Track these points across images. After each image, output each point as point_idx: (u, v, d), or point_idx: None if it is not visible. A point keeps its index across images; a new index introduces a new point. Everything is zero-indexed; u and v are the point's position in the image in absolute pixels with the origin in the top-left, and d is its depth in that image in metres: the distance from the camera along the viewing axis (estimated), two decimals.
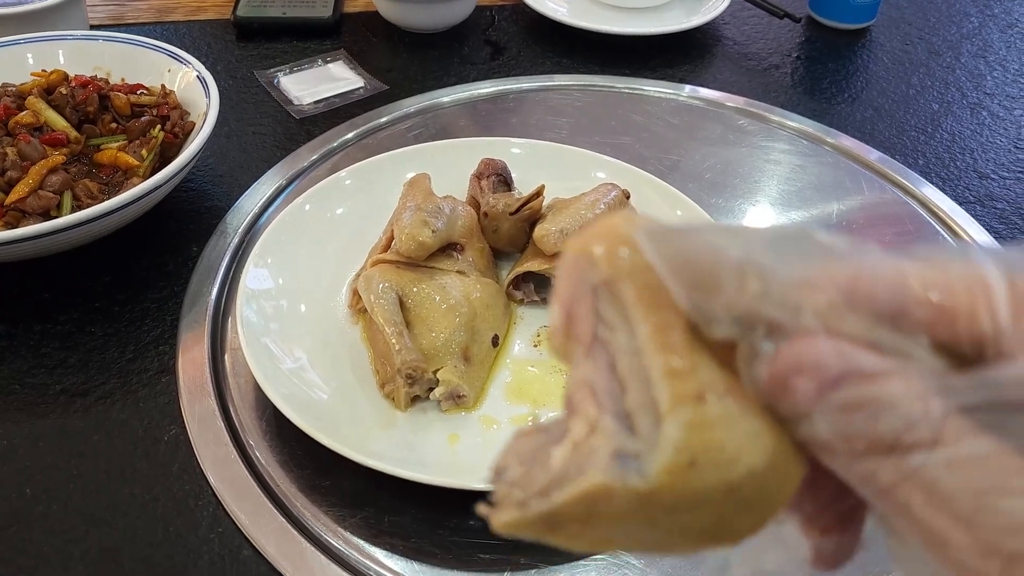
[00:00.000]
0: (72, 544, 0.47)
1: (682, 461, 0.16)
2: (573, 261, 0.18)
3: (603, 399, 0.17)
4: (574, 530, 0.17)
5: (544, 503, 0.17)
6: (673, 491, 0.16)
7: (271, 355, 0.53)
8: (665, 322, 0.17)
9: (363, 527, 0.48)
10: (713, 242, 0.17)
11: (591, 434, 0.17)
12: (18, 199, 0.59)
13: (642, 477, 0.16)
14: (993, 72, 0.93)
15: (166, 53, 0.72)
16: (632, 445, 0.17)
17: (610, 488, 0.16)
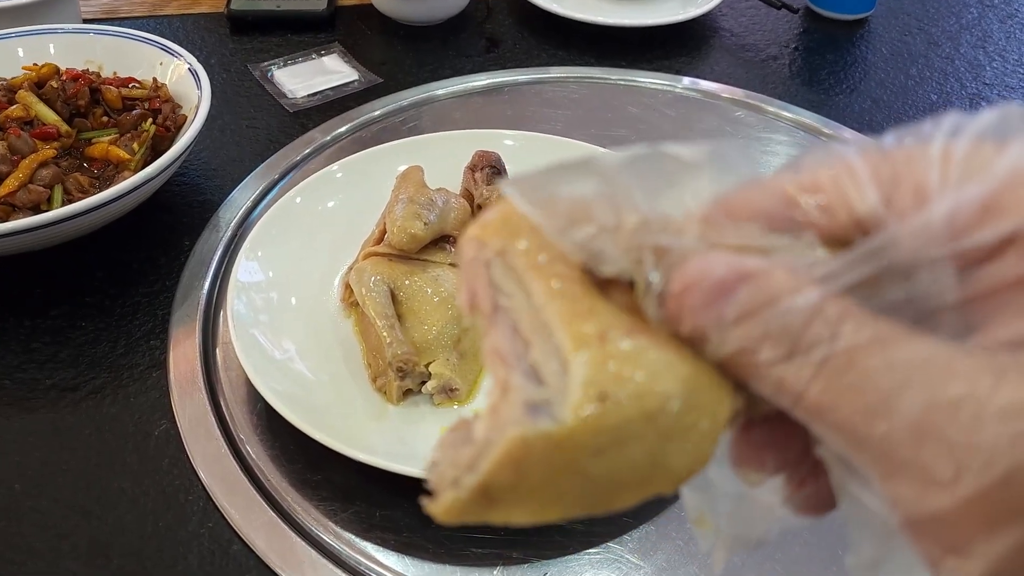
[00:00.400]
0: (62, 538, 0.46)
1: (593, 395, 0.16)
2: (467, 244, 0.19)
3: (510, 360, 0.17)
4: (511, 499, 0.17)
5: (474, 475, 0.17)
6: (590, 430, 0.16)
7: (261, 348, 0.52)
8: (558, 276, 0.17)
9: (354, 521, 0.47)
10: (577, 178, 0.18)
11: (504, 396, 0.17)
12: (8, 193, 0.59)
13: (555, 420, 0.16)
14: (992, 62, 0.92)
15: (157, 46, 0.72)
16: (542, 394, 0.17)
17: (527, 439, 0.16)
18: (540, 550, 0.46)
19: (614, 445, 0.16)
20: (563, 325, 0.17)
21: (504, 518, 0.17)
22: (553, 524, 0.17)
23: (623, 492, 0.17)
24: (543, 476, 0.16)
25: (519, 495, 0.17)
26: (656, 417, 0.16)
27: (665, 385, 0.17)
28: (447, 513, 0.17)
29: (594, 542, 0.47)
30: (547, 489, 0.17)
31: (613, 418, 0.16)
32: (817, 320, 0.15)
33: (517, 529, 0.47)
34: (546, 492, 0.17)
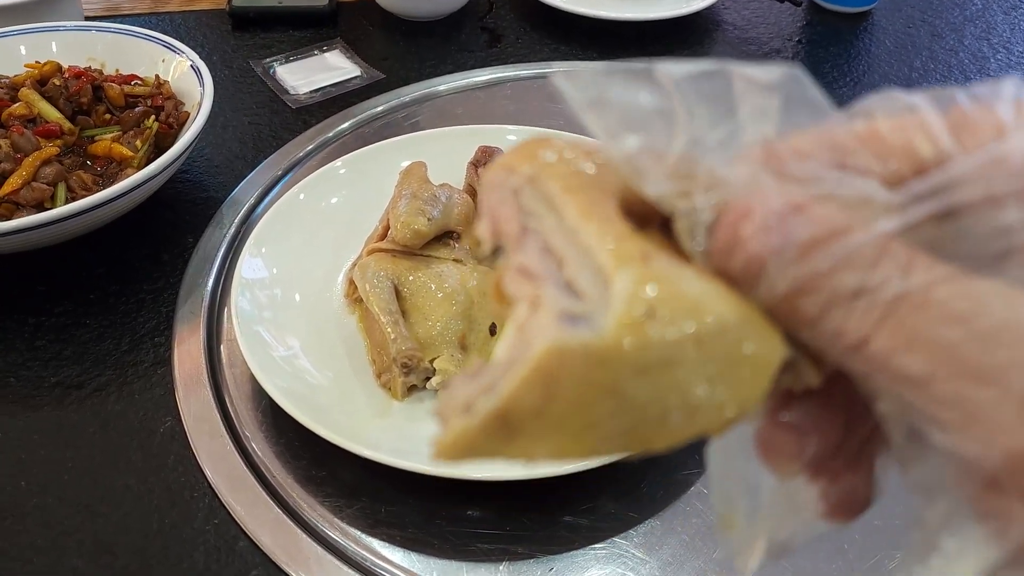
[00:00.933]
0: (67, 536, 0.47)
1: (637, 312, 0.14)
2: (492, 175, 0.17)
3: (541, 275, 0.15)
4: (534, 428, 0.14)
5: (492, 398, 0.14)
6: (635, 343, 0.14)
7: (266, 345, 0.52)
8: (595, 200, 0.16)
9: (360, 518, 0.47)
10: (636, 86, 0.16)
11: (534, 312, 0.15)
12: (12, 191, 0.59)
13: (596, 332, 0.14)
14: (997, 54, 0.92)
15: (159, 43, 0.72)
16: (579, 307, 0.15)
17: (563, 350, 0.14)
18: (546, 545, 0.46)
19: (660, 366, 0.14)
20: (602, 244, 0.15)
21: (522, 454, 0.15)
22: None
23: (664, 426, 0.15)
24: (576, 398, 0.14)
25: (545, 423, 0.14)
26: (707, 341, 0.14)
27: (718, 308, 0.15)
28: (454, 446, 0.15)
29: (600, 537, 0.47)
30: (578, 416, 0.14)
31: (661, 334, 0.14)
32: (886, 257, 0.14)
33: (522, 524, 0.47)
34: (576, 420, 0.14)
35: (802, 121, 0.17)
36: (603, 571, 0.45)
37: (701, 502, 0.48)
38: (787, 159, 0.16)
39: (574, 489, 0.48)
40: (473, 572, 0.45)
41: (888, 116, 0.16)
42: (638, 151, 0.16)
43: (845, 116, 0.16)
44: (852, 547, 0.46)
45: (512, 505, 0.48)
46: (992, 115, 0.15)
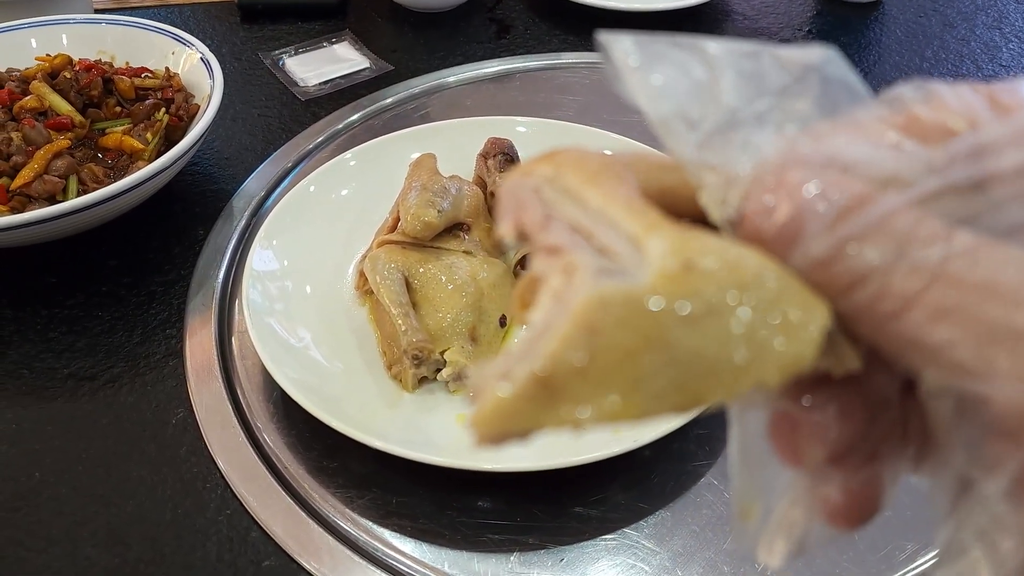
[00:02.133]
0: (81, 525, 0.47)
1: (678, 264, 0.14)
2: (510, 182, 0.17)
3: (574, 245, 0.15)
4: (578, 388, 0.13)
5: (531, 361, 0.13)
6: (679, 290, 0.14)
7: (277, 337, 0.52)
8: (616, 190, 0.16)
9: (371, 508, 0.48)
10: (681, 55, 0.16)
11: (570, 275, 0.14)
12: (23, 184, 0.59)
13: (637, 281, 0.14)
14: (1009, 44, 0.91)
15: (169, 36, 0.72)
16: (616, 265, 0.14)
17: (605, 300, 0.13)
18: (556, 536, 0.46)
19: (707, 314, 0.14)
20: (631, 218, 0.15)
21: (567, 420, 0.14)
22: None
23: (718, 378, 0.14)
24: (620, 351, 0.13)
25: (589, 382, 0.13)
26: (752, 288, 0.14)
27: (757, 265, 0.14)
28: (493, 418, 0.14)
29: (610, 528, 0.47)
30: (625, 370, 0.13)
31: (703, 282, 0.14)
32: (926, 221, 0.14)
33: (533, 515, 0.47)
34: (623, 375, 0.13)
35: (840, 102, 0.16)
36: (613, 562, 0.45)
37: (711, 493, 0.48)
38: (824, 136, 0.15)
39: (584, 480, 0.48)
40: (484, 562, 0.45)
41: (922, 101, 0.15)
42: (674, 116, 0.16)
43: (880, 102, 0.16)
44: (863, 538, 0.46)
45: (523, 496, 0.48)
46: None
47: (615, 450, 0.45)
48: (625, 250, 0.14)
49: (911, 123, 0.15)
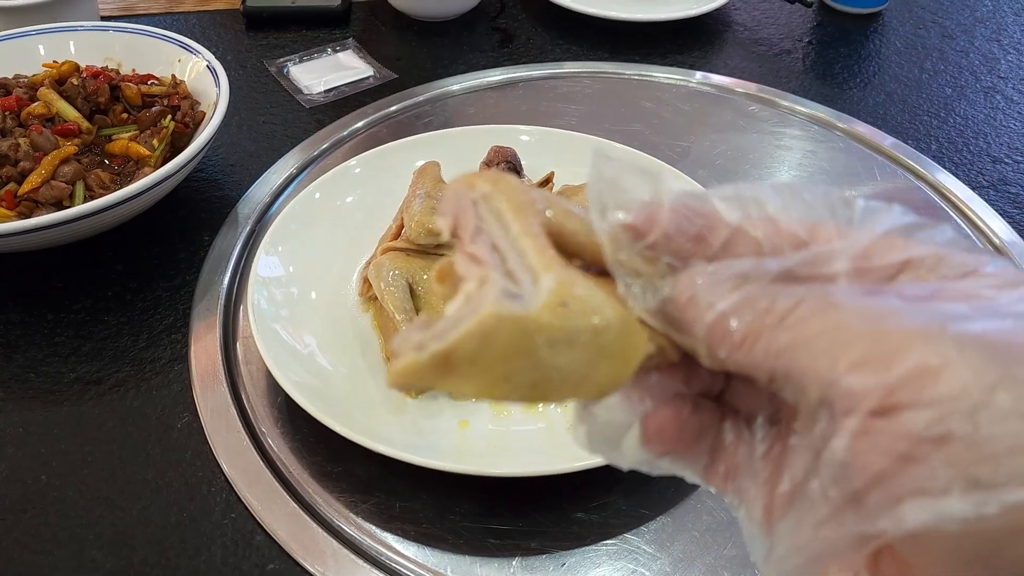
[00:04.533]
0: (86, 528, 0.47)
1: (557, 300, 0.19)
2: (455, 189, 0.21)
3: (490, 263, 0.20)
4: (467, 371, 0.19)
5: (440, 342, 0.19)
6: (550, 324, 0.19)
7: (282, 342, 0.53)
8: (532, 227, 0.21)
9: (374, 513, 0.48)
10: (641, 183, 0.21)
11: (482, 286, 0.20)
12: (31, 189, 0.60)
13: (526, 308, 0.19)
14: (1007, 55, 0.92)
15: (176, 43, 0.72)
16: (516, 290, 0.19)
17: (500, 315, 0.18)
18: (558, 541, 0.47)
19: (565, 343, 0.19)
20: (536, 252, 0.20)
21: (452, 388, 0.19)
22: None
23: (558, 388, 0.20)
24: (502, 353, 0.19)
25: (475, 368, 0.19)
26: (600, 333, 0.20)
27: (610, 313, 0.20)
28: (402, 373, 0.19)
29: (611, 533, 0.47)
30: (500, 367, 0.19)
31: (570, 321, 0.19)
32: (769, 292, 0.19)
33: (535, 520, 0.47)
34: (498, 370, 0.19)
35: None
36: (614, 567, 0.46)
37: (712, 499, 0.49)
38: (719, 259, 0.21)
39: (586, 486, 0.49)
40: (486, 567, 0.46)
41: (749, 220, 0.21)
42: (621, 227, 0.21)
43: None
44: None
45: (525, 501, 0.48)
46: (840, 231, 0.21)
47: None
48: (525, 279, 0.20)
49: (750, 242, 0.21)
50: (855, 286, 0.19)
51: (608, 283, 0.22)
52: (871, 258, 0.20)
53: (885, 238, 0.20)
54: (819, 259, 0.20)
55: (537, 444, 0.50)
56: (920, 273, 0.19)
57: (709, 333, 0.20)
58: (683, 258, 0.21)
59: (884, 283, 0.20)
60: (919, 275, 0.19)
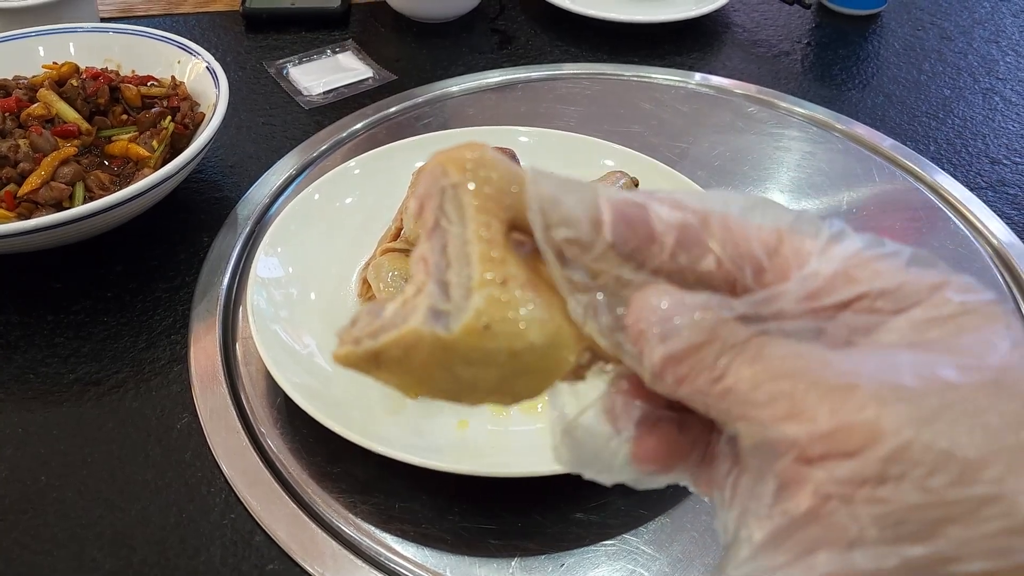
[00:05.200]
0: (86, 529, 0.47)
1: (479, 324, 0.21)
2: (432, 169, 0.22)
3: (432, 270, 0.22)
4: (393, 368, 0.21)
5: (372, 342, 0.21)
6: (469, 346, 0.21)
7: (281, 343, 0.53)
8: (490, 224, 0.22)
9: (373, 513, 0.48)
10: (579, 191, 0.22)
11: (417, 295, 0.22)
12: (31, 190, 0.60)
13: (446, 330, 0.21)
14: (1006, 57, 0.92)
15: (176, 45, 0.73)
16: (445, 306, 0.21)
17: (420, 334, 0.20)
18: (557, 541, 0.47)
19: (481, 362, 0.21)
20: (479, 263, 0.21)
21: (382, 380, 0.22)
22: None
23: (473, 394, 0.22)
24: (422, 362, 0.21)
25: (399, 368, 0.21)
26: (518, 355, 0.21)
27: (533, 336, 0.21)
28: (342, 358, 0.21)
29: (610, 534, 0.47)
30: (420, 372, 0.21)
31: (489, 345, 0.21)
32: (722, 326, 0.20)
33: (534, 521, 0.47)
34: (419, 374, 0.21)
35: None
36: (613, 567, 0.46)
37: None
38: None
39: (584, 487, 0.48)
40: (485, 567, 0.46)
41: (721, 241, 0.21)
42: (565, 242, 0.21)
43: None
44: None
45: (524, 502, 0.48)
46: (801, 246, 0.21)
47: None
48: (457, 295, 0.21)
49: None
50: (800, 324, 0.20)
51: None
52: (823, 296, 0.20)
53: (844, 269, 0.20)
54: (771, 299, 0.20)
55: (536, 444, 0.50)
56: (874, 304, 0.20)
57: (654, 369, 0.20)
58: (639, 264, 0.21)
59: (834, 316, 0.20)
60: (872, 306, 0.20)
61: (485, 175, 0.22)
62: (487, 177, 0.22)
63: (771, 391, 0.19)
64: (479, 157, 0.22)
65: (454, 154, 0.22)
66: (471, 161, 0.22)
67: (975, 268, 0.65)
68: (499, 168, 0.22)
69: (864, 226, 0.71)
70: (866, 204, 0.72)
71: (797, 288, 0.20)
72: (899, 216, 0.71)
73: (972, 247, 0.67)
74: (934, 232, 0.69)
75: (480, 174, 0.22)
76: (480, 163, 0.22)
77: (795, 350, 0.19)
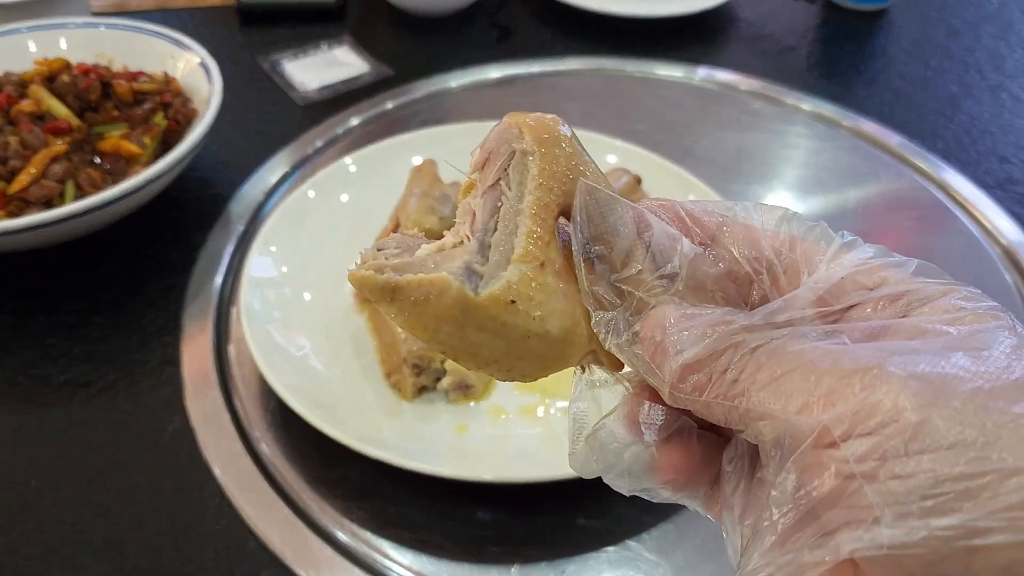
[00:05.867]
0: (78, 534, 0.46)
1: (506, 297, 0.21)
2: (507, 125, 0.22)
3: (477, 227, 0.22)
4: (406, 308, 0.21)
5: (394, 276, 0.21)
6: (488, 314, 0.21)
7: (275, 344, 0.52)
8: (547, 204, 0.22)
9: (370, 519, 0.47)
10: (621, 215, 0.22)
11: (457, 247, 0.22)
12: (21, 188, 0.58)
13: (474, 291, 0.21)
14: (1014, 53, 0.90)
15: (168, 39, 0.71)
16: (480, 268, 0.21)
17: (448, 286, 0.20)
18: (557, 547, 0.46)
19: (494, 332, 0.21)
20: (524, 237, 0.21)
21: (387, 313, 0.21)
22: None
23: (471, 358, 0.22)
24: (437, 313, 0.21)
25: (413, 310, 0.21)
26: (529, 338, 0.21)
27: (551, 325, 0.21)
28: (358, 280, 0.21)
29: (612, 540, 0.46)
30: (432, 320, 0.21)
31: (507, 318, 0.21)
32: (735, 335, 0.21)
33: (534, 527, 0.46)
34: (429, 321, 0.21)
35: None
36: (615, 574, 0.45)
37: None
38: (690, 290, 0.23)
39: (586, 492, 0.47)
40: (485, 574, 0.45)
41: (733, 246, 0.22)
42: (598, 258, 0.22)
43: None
44: None
45: (524, 507, 0.47)
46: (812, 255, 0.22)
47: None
48: (495, 260, 0.21)
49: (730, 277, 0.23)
50: (809, 328, 0.21)
51: None
52: (832, 300, 0.21)
53: (852, 275, 0.21)
54: (783, 308, 0.21)
55: (536, 449, 0.49)
56: (881, 309, 0.21)
57: (672, 380, 0.21)
58: None
59: (843, 320, 0.21)
60: (880, 311, 0.21)
61: (558, 152, 0.22)
62: (557, 155, 0.22)
63: (787, 385, 0.19)
64: (556, 133, 0.22)
65: (533, 121, 0.22)
66: (548, 133, 0.22)
67: (983, 267, 0.64)
68: (570, 150, 0.22)
69: (871, 224, 0.69)
70: (873, 202, 0.71)
71: (807, 293, 0.21)
72: (906, 214, 0.70)
73: (980, 246, 0.66)
74: (942, 231, 0.68)
75: (553, 151, 0.22)
76: (555, 139, 0.22)
77: (807, 346, 0.20)
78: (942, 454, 0.17)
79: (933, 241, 0.67)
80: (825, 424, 0.18)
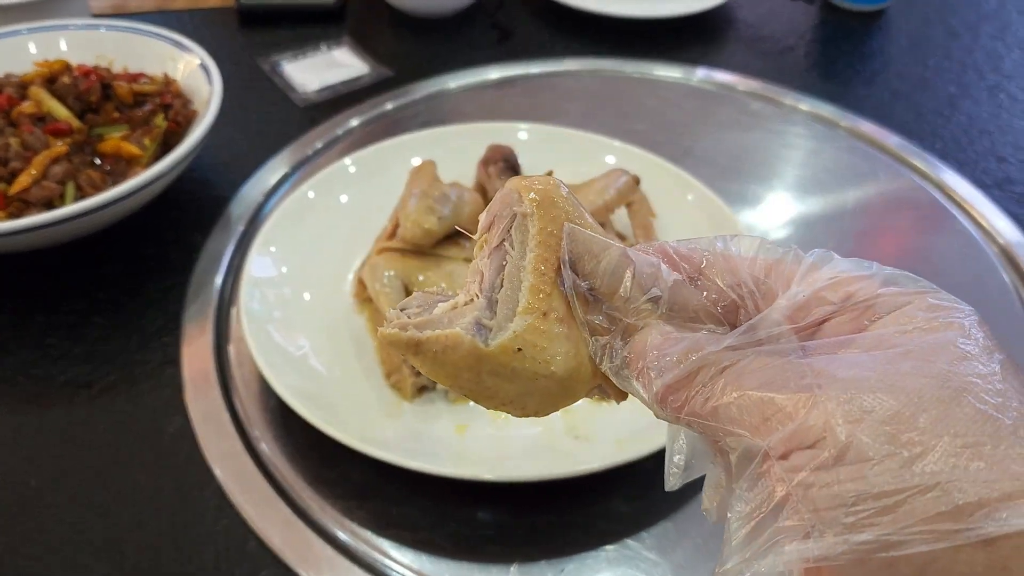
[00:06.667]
0: (78, 534, 0.46)
1: (514, 345, 0.24)
2: (508, 191, 0.25)
3: (485, 286, 0.25)
4: (429, 359, 0.24)
5: (417, 333, 0.24)
6: (499, 361, 0.24)
7: (275, 344, 0.52)
8: (547, 259, 0.24)
9: (370, 519, 0.47)
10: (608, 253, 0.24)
11: (467, 304, 0.25)
12: (21, 189, 0.59)
13: (484, 343, 0.24)
14: (1012, 53, 0.91)
15: (168, 41, 0.71)
16: (489, 322, 0.24)
17: (461, 340, 0.24)
18: (557, 546, 0.46)
19: (506, 377, 0.24)
20: (528, 291, 0.24)
21: (415, 364, 0.24)
22: None
23: (490, 400, 0.25)
24: (455, 363, 0.24)
25: (434, 361, 0.24)
26: (540, 380, 0.24)
27: (557, 368, 0.24)
28: (387, 339, 0.24)
29: (611, 539, 0.46)
30: (451, 369, 0.24)
31: (517, 364, 0.24)
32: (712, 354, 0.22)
33: (533, 526, 0.46)
34: (449, 370, 0.24)
35: None
36: (614, 573, 0.45)
37: None
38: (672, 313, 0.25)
39: (586, 490, 0.48)
40: (484, 573, 0.45)
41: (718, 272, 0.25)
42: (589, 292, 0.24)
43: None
44: None
45: (523, 506, 0.47)
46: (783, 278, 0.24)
47: (617, 460, 0.45)
48: (503, 315, 0.24)
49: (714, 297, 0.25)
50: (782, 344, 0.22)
51: None
52: (802, 316, 0.23)
53: (819, 291, 0.23)
54: (756, 326, 0.23)
55: (536, 448, 0.49)
56: (849, 320, 0.23)
57: (656, 399, 0.23)
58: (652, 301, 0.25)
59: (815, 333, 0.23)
60: (848, 321, 0.23)
61: (555, 212, 0.24)
62: (555, 216, 0.24)
63: (746, 404, 0.21)
64: (552, 195, 0.25)
65: (531, 185, 0.25)
66: (545, 196, 0.25)
67: (981, 267, 0.64)
68: (567, 208, 0.25)
69: (869, 224, 0.69)
70: (871, 202, 0.71)
71: (776, 313, 0.23)
72: (904, 214, 0.70)
73: (978, 246, 0.66)
74: (940, 231, 0.68)
75: (551, 211, 0.24)
76: (551, 202, 0.25)
77: (766, 363, 0.22)
78: (865, 469, 0.19)
79: (931, 241, 0.68)
80: (775, 441, 0.20)
